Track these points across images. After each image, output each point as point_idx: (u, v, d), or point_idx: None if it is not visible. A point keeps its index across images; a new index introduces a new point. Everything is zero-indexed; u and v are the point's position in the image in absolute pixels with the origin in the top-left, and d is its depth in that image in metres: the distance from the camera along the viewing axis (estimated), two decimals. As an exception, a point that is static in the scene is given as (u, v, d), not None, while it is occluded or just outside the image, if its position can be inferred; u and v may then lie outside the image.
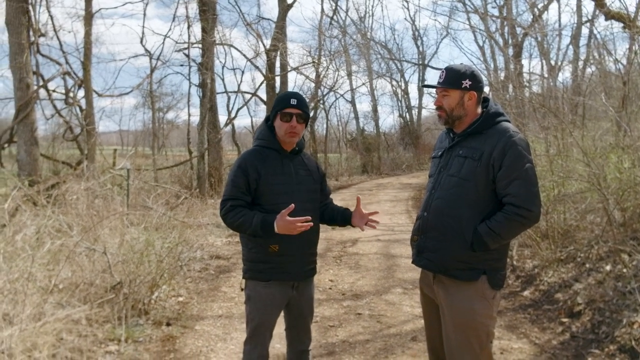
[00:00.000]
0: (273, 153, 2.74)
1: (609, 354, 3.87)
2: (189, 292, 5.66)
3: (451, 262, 2.45)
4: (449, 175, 2.50)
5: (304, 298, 2.83)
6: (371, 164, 26.55)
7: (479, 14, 18.32)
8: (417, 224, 2.61)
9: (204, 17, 13.91)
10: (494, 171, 2.39)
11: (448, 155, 2.56)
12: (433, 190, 2.57)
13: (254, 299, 2.74)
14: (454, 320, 2.46)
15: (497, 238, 2.37)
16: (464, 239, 2.41)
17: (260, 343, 2.75)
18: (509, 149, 2.37)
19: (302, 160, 2.85)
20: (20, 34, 9.51)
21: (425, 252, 2.54)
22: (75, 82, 12.24)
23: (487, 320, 2.44)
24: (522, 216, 2.35)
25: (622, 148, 6.54)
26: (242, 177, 2.66)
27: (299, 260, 2.73)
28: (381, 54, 29.18)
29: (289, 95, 2.76)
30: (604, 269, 5.06)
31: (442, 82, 2.52)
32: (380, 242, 8.68)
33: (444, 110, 2.54)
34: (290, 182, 2.72)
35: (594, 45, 12.94)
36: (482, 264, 2.43)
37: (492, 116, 2.50)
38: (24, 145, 9.43)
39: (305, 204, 2.72)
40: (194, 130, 15.72)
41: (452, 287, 2.47)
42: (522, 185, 2.34)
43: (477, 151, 2.43)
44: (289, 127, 2.68)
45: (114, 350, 3.94)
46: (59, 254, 4.85)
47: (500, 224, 2.36)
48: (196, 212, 9.70)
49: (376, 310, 5.18)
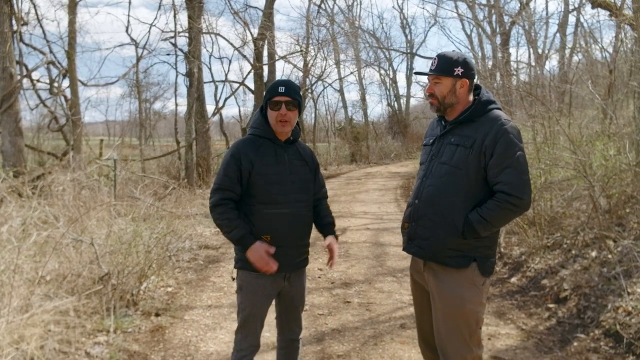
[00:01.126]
0: (267, 142, 2.71)
1: (595, 339, 3.93)
2: (177, 283, 5.65)
3: (442, 250, 2.45)
4: (441, 163, 2.49)
5: (295, 288, 2.82)
6: (360, 153, 26.59)
7: (467, 2, 18.31)
8: (408, 211, 2.61)
9: (190, 5, 13.75)
10: (486, 159, 2.39)
11: (440, 143, 2.55)
12: (424, 178, 2.56)
13: (246, 289, 2.73)
14: (444, 307, 2.47)
15: (488, 225, 2.38)
16: (455, 226, 2.41)
17: (251, 333, 2.75)
18: (500, 136, 2.38)
19: (297, 149, 2.81)
20: (3, 22, 9.31)
21: (416, 240, 2.54)
22: (60, 71, 12.06)
23: (476, 307, 2.46)
24: (513, 204, 2.36)
25: (608, 135, 6.62)
26: (235, 166, 2.64)
27: (291, 252, 2.71)
28: (369, 42, 29.10)
29: (277, 84, 2.71)
30: (589, 255, 5.13)
31: (434, 70, 2.51)
32: (370, 230, 8.71)
33: (435, 97, 2.53)
34: (284, 172, 2.68)
35: (580, 33, 13.04)
36: (472, 252, 2.44)
37: (484, 104, 2.50)
38: (8, 136, 9.28)
39: (298, 194, 2.71)
40: (182, 120, 15.58)
41: (442, 274, 2.48)
42: (513, 174, 2.35)
43: (469, 139, 2.43)
44: (278, 115, 2.64)
45: (102, 341, 3.92)
46: (46, 245, 4.81)
47: (491, 212, 2.36)
48: (184, 202, 9.64)
49: (365, 298, 5.20)
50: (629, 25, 8.08)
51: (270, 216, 2.64)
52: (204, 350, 3.98)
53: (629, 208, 5.56)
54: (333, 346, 4.05)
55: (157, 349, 3.97)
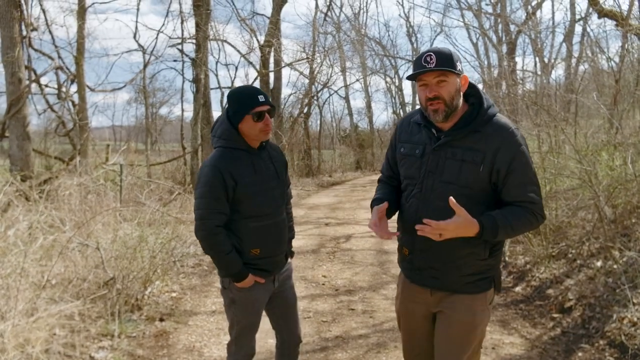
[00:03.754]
0: (242, 154, 2.55)
1: (599, 349, 3.91)
2: (182, 288, 5.66)
3: (462, 278, 2.17)
4: (443, 182, 2.12)
5: (285, 286, 2.79)
6: (365, 160, 26.59)
7: (473, 11, 18.34)
8: (409, 237, 2.22)
9: (197, 12, 13.85)
10: (499, 176, 2.09)
11: (436, 157, 2.15)
12: (424, 200, 2.17)
13: (239, 302, 2.65)
14: (453, 332, 2.22)
15: (509, 232, 2.10)
16: (472, 250, 2.14)
17: (247, 343, 2.71)
18: (516, 151, 2.09)
19: (268, 152, 2.69)
20: (12, 27, 9.42)
21: (426, 270, 2.22)
22: (68, 76, 12.17)
23: (485, 327, 2.29)
24: (537, 222, 2.15)
25: (614, 145, 6.60)
26: (221, 187, 2.47)
27: (277, 259, 2.70)
28: (375, 50, 29.10)
29: (254, 92, 2.55)
30: (594, 265, 5.11)
31: (437, 66, 2.04)
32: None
33: (442, 100, 2.07)
34: (263, 180, 2.59)
35: (587, 43, 13.03)
36: (492, 270, 2.22)
37: (486, 109, 2.14)
38: (16, 140, 9.36)
39: (280, 200, 2.67)
40: (188, 125, 15.67)
41: (454, 297, 2.21)
42: (536, 192, 2.13)
43: (477, 154, 2.08)
44: (263, 125, 2.52)
45: (107, 346, 3.93)
46: (52, 249, 4.84)
47: (518, 221, 2.08)
48: (189, 207, 9.65)
49: (369, 305, 5.20)
50: (635, 35, 8.09)
51: (257, 230, 2.57)
52: (207, 355, 3.99)
53: (635, 218, 5.53)
54: (336, 353, 4.04)
55: (161, 354, 3.98)
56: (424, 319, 2.33)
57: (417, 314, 2.34)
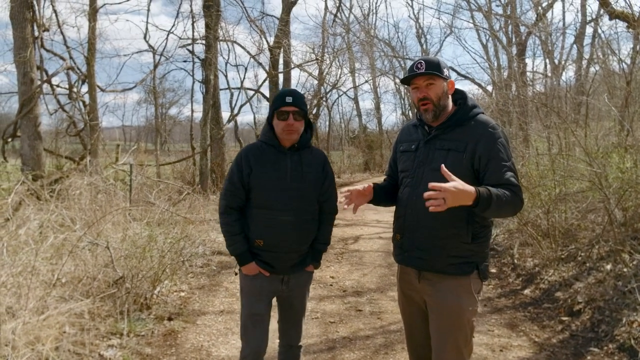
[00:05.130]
0: (270, 149, 2.74)
1: (608, 353, 3.89)
2: (190, 288, 5.69)
3: (444, 258, 2.37)
4: (433, 169, 2.36)
5: (295, 294, 2.83)
6: (373, 161, 26.60)
7: (483, 12, 18.25)
8: (400, 221, 2.51)
9: (208, 13, 13.92)
10: (480, 163, 2.31)
11: (427, 149, 2.45)
12: (414, 187, 2.44)
13: (244, 290, 2.82)
14: (442, 317, 2.40)
15: (498, 203, 2.18)
16: (456, 232, 2.34)
17: (253, 338, 2.76)
18: (495, 140, 2.32)
19: (306, 156, 2.77)
20: (24, 28, 9.51)
21: (413, 251, 2.44)
22: (79, 77, 12.27)
23: (473, 315, 2.42)
24: (519, 203, 2.28)
25: (624, 148, 6.55)
26: (237, 172, 2.72)
27: (285, 257, 2.73)
28: (384, 51, 29.08)
29: (284, 93, 2.72)
30: (604, 268, 5.07)
31: (426, 70, 2.37)
32: (382, 239, 8.70)
33: (430, 101, 2.40)
34: (284, 178, 2.68)
35: (598, 44, 12.92)
36: (474, 257, 2.38)
37: (470, 108, 2.44)
38: (27, 139, 9.45)
39: (299, 202, 2.68)
40: (197, 126, 15.73)
41: (440, 283, 2.40)
42: (515, 178, 2.31)
43: (460, 143, 2.36)
44: (285, 125, 2.66)
45: (116, 344, 3.96)
46: (62, 248, 4.88)
47: (506, 195, 2.21)
48: (198, 208, 9.71)
49: (377, 306, 5.20)
50: (647, 36, 8.01)
51: (264, 221, 2.68)
52: (215, 355, 4.01)
53: (645, 221, 5.49)
54: (344, 354, 4.05)
55: (169, 353, 4.00)
56: (419, 309, 2.55)
57: (413, 301, 2.57)
